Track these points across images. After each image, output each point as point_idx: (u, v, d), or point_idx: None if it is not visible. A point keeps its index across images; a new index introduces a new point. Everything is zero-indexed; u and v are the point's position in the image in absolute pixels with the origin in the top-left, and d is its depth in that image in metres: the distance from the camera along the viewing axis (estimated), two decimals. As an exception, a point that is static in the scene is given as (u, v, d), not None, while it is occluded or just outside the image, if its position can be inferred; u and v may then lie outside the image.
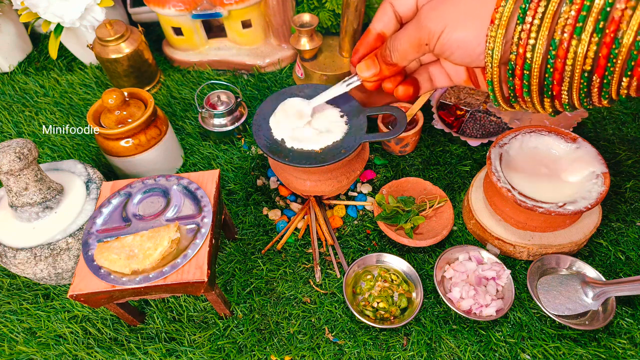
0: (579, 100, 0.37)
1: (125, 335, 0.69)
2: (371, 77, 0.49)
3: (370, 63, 0.49)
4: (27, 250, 0.65)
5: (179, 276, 0.57)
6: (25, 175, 0.64)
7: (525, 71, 0.37)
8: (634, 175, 0.81)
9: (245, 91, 1.03)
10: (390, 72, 0.48)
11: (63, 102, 1.04)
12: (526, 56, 0.36)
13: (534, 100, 0.40)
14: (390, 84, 0.50)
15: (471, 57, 0.40)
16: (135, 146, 0.78)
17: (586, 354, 0.63)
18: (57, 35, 0.95)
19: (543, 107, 0.40)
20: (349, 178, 0.71)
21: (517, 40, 0.36)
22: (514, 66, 0.38)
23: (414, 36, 0.43)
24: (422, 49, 0.43)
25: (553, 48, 0.35)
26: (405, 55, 0.45)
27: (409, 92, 0.50)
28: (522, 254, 0.71)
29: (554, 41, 0.35)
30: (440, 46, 0.41)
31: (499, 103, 0.43)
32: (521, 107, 0.42)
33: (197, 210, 0.63)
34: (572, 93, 0.37)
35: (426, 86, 0.51)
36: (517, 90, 0.39)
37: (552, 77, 0.36)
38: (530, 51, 0.36)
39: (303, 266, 0.75)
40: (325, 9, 0.99)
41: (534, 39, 0.35)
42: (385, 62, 0.47)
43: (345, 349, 0.66)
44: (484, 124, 0.88)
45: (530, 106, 0.41)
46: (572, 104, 0.38)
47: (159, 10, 0.98)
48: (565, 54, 0.34)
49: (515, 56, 0.37)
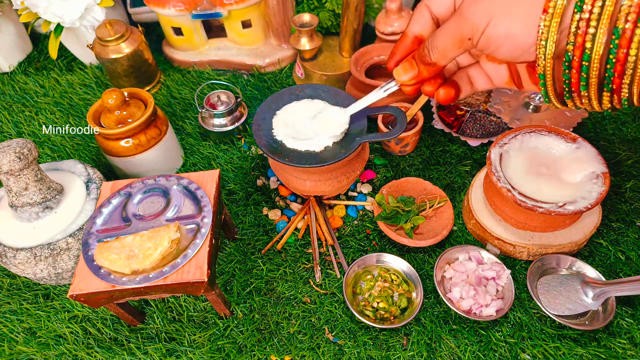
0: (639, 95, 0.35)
1: (125, 335, 0.69)
2: (409, 81, 0.47)
3: (408, 66, 0.46)
4: (27, 250, 0.65)
5: (179, 276, 0.57)
6: (25, 175, 0.64)
7: (585, 62, 0.35)
8: (634, 175, 0.81)
9: (245, 91, 1.03)
10: (430, 73, 0.45)
11: (63, 102, 1.04)
12: (585, 46, 0.34)
13: (591, 95, 0.37)
14: (431, 86, 0.47)
15: (520, 50, 0.38)
16: (135, 146, 0.78)
17: (586, 354, 0.63)
18: (57, 35, 0.95)
19: (601, 102, 0.38)
20: (349, 178, 0.71)
21: (575, 29, 0.34)
22: (571, 57, 0.35)
23: (456, 31, 0.40)
24: (464, 44, 0.41)
25: (616, 37, 0.33)
26: (446, 52, 0.42)
27: (451, 94, 0.47)
28: (522, 254, 0.71)
29: (616, 29, 0.33)
30: (486, 40, 0.39)
31: (550, 100, 0.40)
32: (574, 104, 0.40)
33: (197, 210, 0.63)
34: (632, 87, 0.35)
35: (466, 89, 0.49)
36: (574, 84, 0.37)
37: (613, 69, 0.34)
38: (590, 41, 0.34)
39: (303, 266, 0.75)
40: (325, 9, 0.99)
41: (594, 28, 0.33)
42: (424, 62, 0.45)
43: (345, 349, 0.66)
44: (484, 124, 0.88)
45: (585, 102, 0.39)
46: (631, 101, 0.36)
47: (159, 10, 0.98)
48: (629, 44, 0.32)
49: (572, 47, 0.35)
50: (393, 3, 0.90)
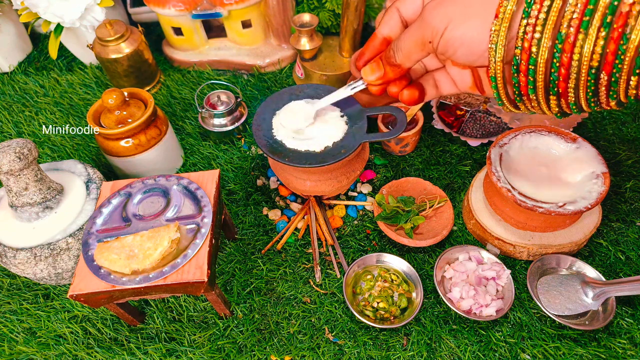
0: (585, 100, 0.36)
1: (125, 335, 0.69)
2: (376, 81, 0.49)
3: (375, 66, 0.48)
4: (27, 250, 0.65)
5: (179, 276, 0.57)
6: (25, 175, 0.64)
7: (531, 66, 0.36)
8: (634, 175, 0.81)
9: (245, 91, 1.03)
10: (395, 74, 0.47)
11: (63, 102, 1.04)
12: (532, 50, 0.36)
13: (539, 99, 0.39)
14: (396, 87, 0.49)
15: (475, 54, 0.39)
16: (135, 146, 0.78)
17: (586, 354, 0.63)
18: (57, 35, 0.95)
19: (549, 106, 0.39)
20: (349, 178, 0.71)
21: (522, 34, 0.36)
22: (519, 61, 0.37)
23: (418, 34, 0.42)
24: (426, 47, 0.42)
25: (559, 42, 0.34)
26: (410, 54, 0.44)
27: (415, 95, 0.49)
28: (522, 254, 0.71)
29: (560, 35, 0.34)
30: (444, 43, 0.40)
31: (503, 102, 0.42)
32: (526, 108, 0.41)
33: (197, 210, 0.63)
34: (578, 91, 0.36)
35: (432, 92, 0.50)
36: (522, 87, 0.39)
37: (558, 73, 0.35)
38: (535, 45, 0.35)
39: (303, 266, 0.75)
40: (325, 9, 0.99)
41: (539, 33, 0.35)
42: (390, 63, 0.46)
43: (345, 349, 0.66)
44: (484, 124, 0.88)
45: (535, 105, 0.40)
46: (579, 105, 0.37)
47: (159, 10, 0.98)
48: (572, 49, 0.34)
49: (520, 51, 0.36)
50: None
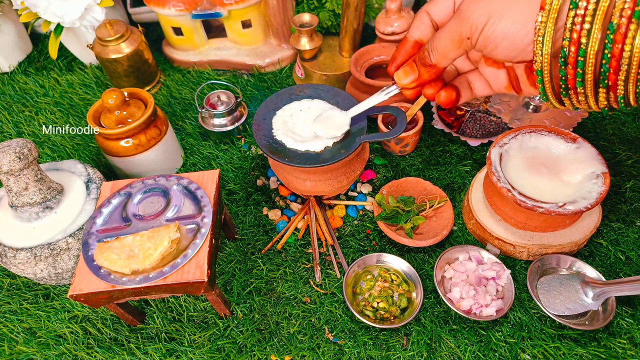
0: (634, 93, 0.35)
1: (125, 335, 0.69)
2: (410, 84, 0.47)
3: (409, 69, 0.47)
4: (27, 250, 0.65)
5: (179, 276, 0.57)
6: (25, 175, 0.64)
7: (580, 58, 0.35)
8: (634, 175, 0.81)
9: (245, 91, 1.03)
10: (430, 75, 0.46)
11: (63, 102, 1.04)
12: (581, 42, 0.35)
13: (587, 92, 0.37)
14: (432, 89, 0.48)
15: (518, 48, 0.38)
16: (135, 146, 0.78)
17: (586, 354, 0.63)
18: (57, 35, 0.95)
19: (597, 100, 0.38)
20: (349, 178, 0.71)
21: (571, 25, 0.34)
22: (567, 54, 0.36)
23: (455, 31, 0.41)
24: (463, 44, 0.41)
25: (611, 32, 0.33)
26: (446, 53, 0.43)
27: (452, 96, 0.47)
28: (522, 254, 0.71)
29: (611, 25, 0.33)
30: (484, 39, 0.39)
31: (547, 98, 0.40)
32: (571, 103, 0.40)
33: (197, 210, 0.63)
34: (628, 84, 0.35)
35: (466, 94, 0.49)
36: (570, 80, 0.37)
37: (608, 64, 0.34)
38: (585, 36, 0.34)
39: (303, 266, 0.75)
40: (325, 9, 0.99)
41: (589, 23, 0.34)
42: (424, 64, 0.45)
43: (345, 349, 0.66)
44: (484, 124, 0.88)
45: (582, 99, 0.39)
46: (627, 99, 0.36)
47: (159, 10, 0.98)
48: (623, 39, 0.33)
49: (568, 42, 0.35)
50: (393, 3, 0.90)
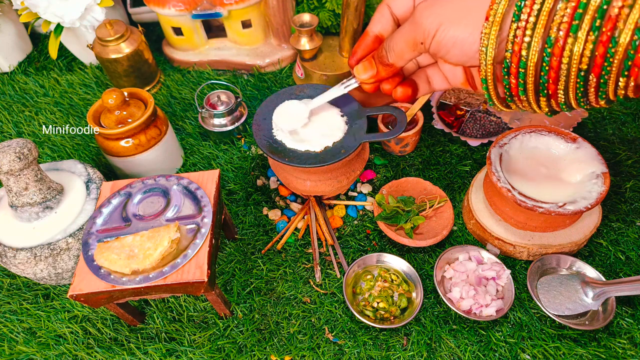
0: (575, 100, 0.37)
1: (125, 335, 0.69)
2: (369, 79, 0.49)
3: (368, 65, 0.49)
4: (27, 250, 0.65)
5: (179, 276, 0.57)
6: (25, 175, 0.64)
7: (521, 69, 0.37)
8: (634, 175, 0.81)
9: (245, 91, 1.03)
10: (387, 73, 0.48)
11: (63, 102, 1.04)
12: (521, 54, 0.36)
13: (529, 100, 0.39)
14: (389, 85, 0.50)
15: (467, 55, 0.40)
16: (135, 146, 0.78)
17: (586, 354, 0.63)
18: (57, 35, 0.95)
19: (539, 106, 0.40)
20: (349, 178, 0.71)
21: (513, 38, 0.36)
22: (510, 64, 0.37)
23: (410, 35, 0.42)
24: (417, 48, 0.43)
25: (549, 46, 0.34)
26: (402, 55, 0.44)
27: (408, 93, 0.50)
28: (522, 254, 0.71)
29: (549, 39, 0.34)
30: (436, 44, 0.40)
31: (493, 102, 0.42)
32: (517, 107, 0.42)
33: (197, 210, 0.63)
34: (568, 92, 0.36)
35: (424, 88, 0.51)
36: (513, 89, 0.39)
37: (547, 76, 0.36)
38: (525, 49, 0.35)
39: (303, 266, 0.75)
40: (325, 9, 0.99)
41: (529, 37, 0.35)
42: (382, 63, 0.47)
43: (345, 349, 0.66)
44: (484, 124, 0.88)
45: (526, 105, 0.40)
46: (569, 104, 0.38)
47: (159, 10, 0.98)
48: (561, 52, 0.34)
49: (510, 54, 0.37)
50: (393, 3, 0.90)
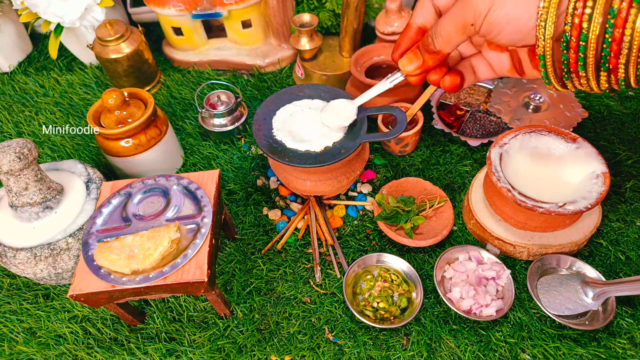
0: (635, 76, 0.36)
1: (125, 335, 0.69)
2: (415, 70, 0.48)
3: (413, 56, 0.47)
4: (27, 250, 0.65)
5: (179, 276, 0.57)
6: (25, 175, 0.64)
7: (582, 42, 0.36)
8: (634, 175, 0.81)
9: (245, 91, 1.03)
10: (434, 61, 0.46)
11: (63, 102, 1.04)
12: (582, 26, 0.35)
13: (589, 75, 0.38)
14: (436, 75, 0.48)
15: (522, 33, 0.39)
16: (135, 146, 0.78)
17: (586, 354, 0.63)
18: (57, 35, 0.95)
19: (598, 82, 0.39)
20: (349, 178, 0.71)
21: (572, 10, 0.35)
22: (569, 38, 0.36)
23: (459, 17, 0.41)
24: (467, 30, 0.41)
25: (611, 16, 0.33)
26: (450, 39, 0.43)
27: (456, 81, 0.48)
28: (522, 254, 0.71)
29: (612, 9, 0.33)
30: (488, 25, 0.39)
31: (550, 81, 0.41)
32: (574, 86, 0.41)
33: (197, 210, 0.63)
34: (629, 67, 0.35)
35: (470, 79, 0.49)
36: (572, 64, 0.38)
37: (609, 49, 0.35)
38: (586, 21, 0.35)
39: (303, 266, 0.75)
40: (325, 9, 0.99)
41: (590, 8, 0.34)
42: (428, 50, 0.45)
43: (345, 349, 0.66)
44: (484, 124, 0.88)
45: (584, 82, 0.39)
46: (628, 80, 0.37)
47: (159, 10, 0.98)
48: (624, 24, 0.33)
49: (570, 27, 0.36)
50: (393, 3, 0.90)
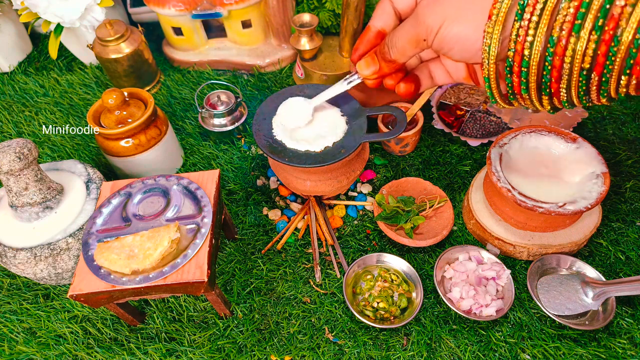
0: (577, 98, 0.37)
1: (125, 335, 0.69)
2: (371, 75, 0.49)
3: (370, 61, 0.49)
4: (27, 250, 0.65)
5: (179, 276, 0.57)
6: (25, 175, 0.64)
7: (523, 68, 0.37)
8: (634, 175, 0.81)
9: (245, 91, 1.03)
10: (390, 69, 0.48)
11: (63, 102, 1.04)
12: (524, 53, 0.36)
13: (532, 98, 0.39)
14: (392, 80, 0.50)
15: (470, 52, 0.40)
16: (135, 146, 0.78)
17: (586, 354, 0.63)
18: (57, 35, 0.95)
19: (541, 104, 0.40)
20: (349, 178, 0.71)
21: (515, 37, 0.36)
22: (512, 63, 0.37)
23: (412, 32, 0.42)
24: (420, 44, 0.43)
25: (551, 45, 0.34)
26: (404, 51, 0.44)
27: (410, 89, 0.49)
28: (522, 254, 0.71)
29: (552, 38, 0.34)
30: (439, 41, 0.40)
31: (496, 100, 0.42)
32: (519, 104, 0.42)
33: (197, 210, 0.63)
34: (570, 91, 0.36)
35: (427, 83, 0.51)
36: (515, 87, 0.39)
37: (550, 75, 0.36)
38: (528, 48, 0.36)
39: (303, 266, 0.75)
40: (325, 9, 0.99)
41: (532, 36, 0.35)
42: (385, 59, 0.47)
43: (345, 349, 0.66)
44: (484, 124, 0.88)
45: (528, 103, 0.41)
46: (570, 102, 0.38)
47: (159, 10, 0.98)
48: (564, 52, 0.34)
49: (513, 53, 0.37)
50: (393, 3, 0.90)
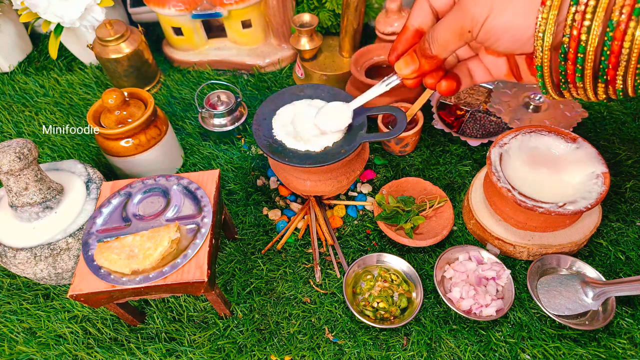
0: (633, 87, 0.36)
1: (125, 335, 0.69)
2: (411, 74, 0.47)
3: (409, 59, 0.47)
4: (27, 250, 0.65)
5: (179, 276, 0.57)
6: (25, 175, 0.64)
7: (580, 54, 0.36)
8: (634, 175, 0.81)
9: (245, 91, 1.03)
10: (431, 66, 0.46)
11: (63, 102, 1.04)
12: (580, 38, 0.35)
13: (586, 86, 0.38)
14: (432, 79, 0.48)
15: (519, 42, 0.38)
16: (135, 146, 0.78)
17: (586, 354, 0.63)
18: (57, 35, 0.95)
19: (596, 93, 0.38)
20: (349, 178, 0.71)
21: (571, 22, 0.35)
22: (567, 50, 0.36)
23: (456, 24, 0.41)
24: (464, 37, 0.41)
25: (610, 29, 0.33)
26: (446, 45, 0.42)
27: (452, 86, 0.47)
28: (522, 254, 0.71)
29: (611, 22, 0.33)
30: (485, 32, 0.39)
31: (547, 91, 0.41)
32: (571, 95, 0.40)
33: (197, 210, 0.63)
34: (627, 78, 0.35)
35: (466, 82, 0.49)
36: (569, 75, 0.38)
37: (607, 61, 0.35)
38: (585, 33, 0.34)
39: (303, 266, 0.75)
40: (325, 9, 0.99)
41: (589, 20, 0.34)
42: (425, 55, 0.45)
43: (345, 349, 0.66)
44: (484, 124, 0.88)
45: (582, 93, 0.39)
46: (625, 91, 0.37)
47: (159, 10, 0.98)
48: (623, 36, 0.33)
49: (568, 39, 0.35)
50: (393, 3, 0.90)
